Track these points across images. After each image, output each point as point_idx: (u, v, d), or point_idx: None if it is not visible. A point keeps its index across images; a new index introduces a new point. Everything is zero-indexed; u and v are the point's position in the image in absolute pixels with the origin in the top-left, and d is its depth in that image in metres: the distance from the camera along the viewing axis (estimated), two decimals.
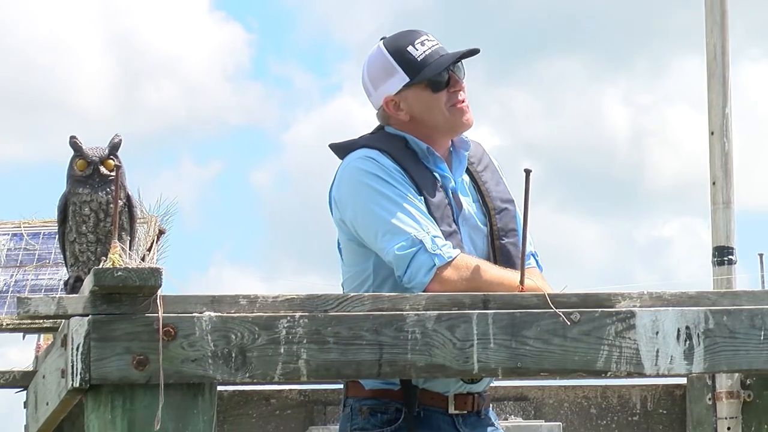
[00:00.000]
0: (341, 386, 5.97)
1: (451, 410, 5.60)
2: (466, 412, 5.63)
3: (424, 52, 5.65)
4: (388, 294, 5.30)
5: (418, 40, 5.68)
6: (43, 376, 5.98)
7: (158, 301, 4.90)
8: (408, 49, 5.66)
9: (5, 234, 6.74)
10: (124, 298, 4.91)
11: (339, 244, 5.77)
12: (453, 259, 5.41)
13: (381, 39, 5.78)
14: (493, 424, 5.75)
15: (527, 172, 5.46)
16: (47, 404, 5.85)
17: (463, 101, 5.70)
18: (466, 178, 5.80)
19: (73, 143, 5.59)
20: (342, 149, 5.74)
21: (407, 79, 5.65)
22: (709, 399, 6.36)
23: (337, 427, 6.11)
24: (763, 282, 6.03)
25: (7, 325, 6.12)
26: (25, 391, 6.46)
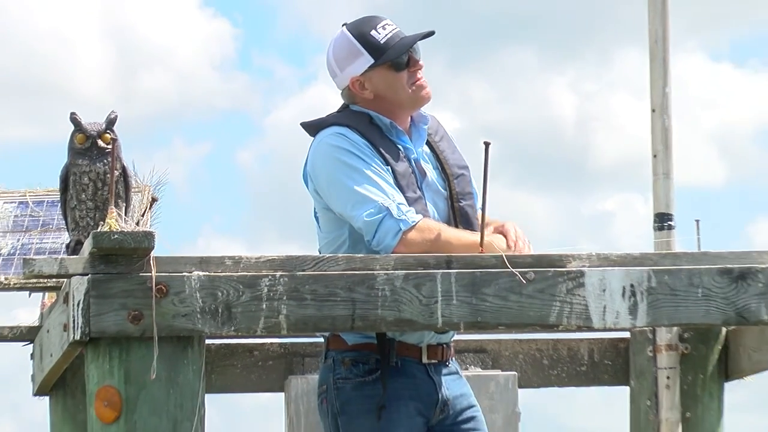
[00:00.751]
0: (318, 339, 6.06)
1: (425, 359, 5.62)
2: (436, 361, 5.65)
3: (386, 35, 5.70)
4: (360, 255, 5.31)
5: (380, 25, 5.73)
6: (48, 331, 5.99)
7: (151, 261, 4.91)
8: (371, 33, 5.70)
9: (12, 202, 6.78)
10: (120, 259, 4.91)
11: (315, 213, 5.80)
12: (417, 224, 5.45)
13: (343, 25, 5.81)
14: (457, 372, 5.77)
15: (486, 144, 5.52)
16: (51, 356, 5.86)
17: (421, 78, 5.76)
18: (426, 148, 5.85)
19: (73, 119, 5.61)
20: (313, 127, 5.78)
21: (372, 61, 5.68)
22: (650, 351, 6.42)
23: (315, 376, 6.10)
24: (699, 245, 6.07)
25: (15, 284, 6.16)
26: (31, 345, 6.49)
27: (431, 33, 5.78)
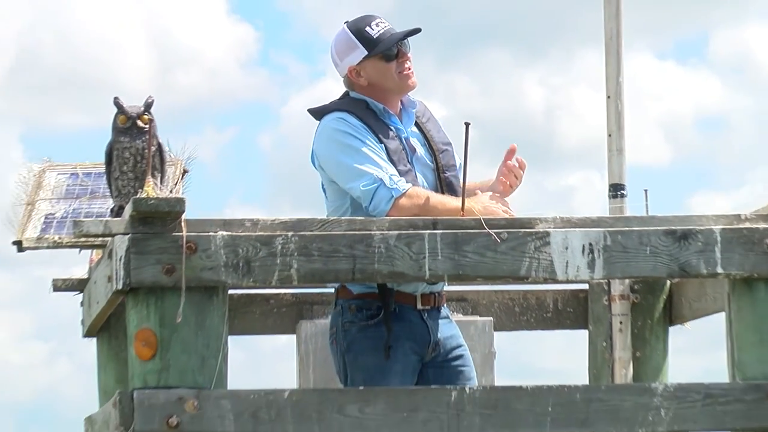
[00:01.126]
0: (325, 290, 6.11)
1: (419, 306, 5.66)
2: (429, 307, 5.68)
3: (378, 31, 5.75)
4: (359, 218, 5.35)
5: (374, 22, 5.78)
6: (95, 282, 5.99)
7: (182, 223, 4.93)
8: (366, 29, 5.75)
9: (65, 174, 6.78)
10: (156, 221, 4.92)
11: (323, 186, 5.83)
12: (406, 191, 5.51)
13: (345, 22, 5.85)
14: (447, 317, 5.81)
15: (467, 124, 5.61)
16: (97, 303, 5.86)
17: (408, 68, 5.80)
18: (415, 129, 5.89)
19: (116, 102, 5.64)
20: (318, 113, 5.82)
21: (366, 53, 5.73)
22: (606, 300, 6.42)
23: (322, 320, 6.18)
24: (647, 210, 6.09)
25: (67, 243, 6.16)
26: (81, 294, 6.47)
27: (417, 30, 5.80)
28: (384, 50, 5.72)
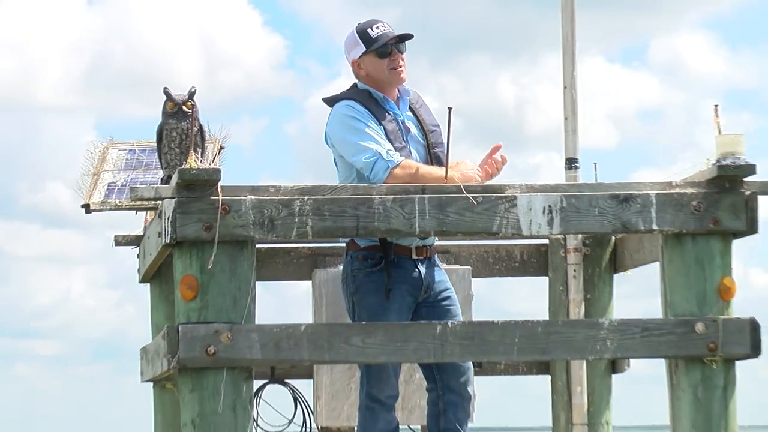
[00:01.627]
0: (335, 244, 6.13)
1: (413, 256, 5.66)
2: (422, 257, 5.69)
3: (377, 33, 5.74)
4: (362, 185, 5.38)
5: (375, 25, 5.77)
6: (148, 237, 6.05)
7: (218, 189, 4.92)
8: (368, 30, 5.75)
9: (124, 149, 6.84)
10: (197, 187, 4.93)
11: (335, 161, 5.83)
12: (400, 163, 5.52)
13: (356, 25, 5.85)
14: (437, 265, 5.82)
15: (449, 108, 5.64)
16: (150, 255, 5.91)
17: (398, 65, 5.79)
18: (409, 113, 5.87)
19: (166, 91, 5.68)
20: (330, 101, 5.83)
21: (364, 49, 5.74)
22: (562, 252, 6.46)
23: (333, 269, 6.22)
24: (597, 179, 6.12)
25: (126, 206, 6.21)
26: (137, 247, 6.51)
27: (409, 35, 5.83)
28: (378, 48, 5.73)
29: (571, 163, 6.44)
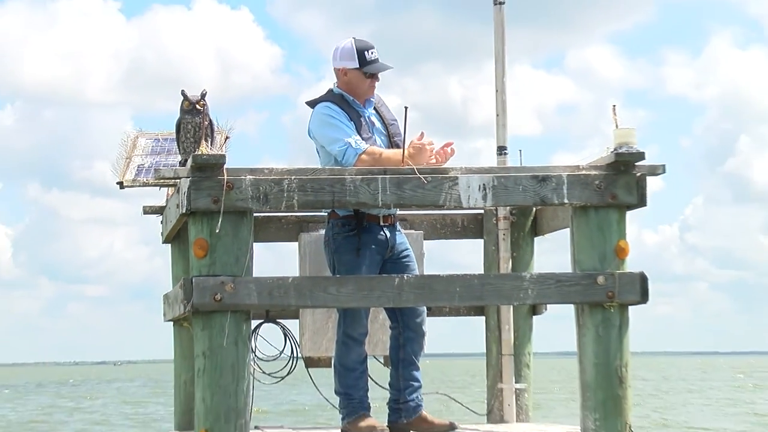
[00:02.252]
0: (318, 213, 6.05)
1: (381, 223, 5.63)
2: (388, 224, 5.67)
3: (372, 58, 5.69)
4: (337, 167, 5.37)
5: (371, 51, 5.72)
6: (169, 208, 6.04)
7: (224, 170, 4.90)
8: (365, 52, 5.69)
9: (151, 139, 6.79)
10: (207, 169, 4.90)
11: (317, 150, 5.77)
12: (365, 150, 5.50)
13: (353, 38, 5.80)
14: (399, 230, 5.80)
15: (405, 108, 5.62)
16: (171, 221, 5.90)
17: (374, 86, 5.78)
18: (373, 111, 5.84)
19: (183, 93, 5.65)
20: (312, 103, 5.77)
21: (358, 65, 5.67)
22: (494, 220, 6.47)
23: (314, 233, 6.19)
24: (521, 163, 6.13)
25: (152, 183, 6.19)
26: (161, 215, 6.51)
27: (391, 67, 5.81)
28: (367, 70, 5.68)
29: (501, 150, 6.44)
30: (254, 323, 5.75)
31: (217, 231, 4.89)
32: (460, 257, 7.45)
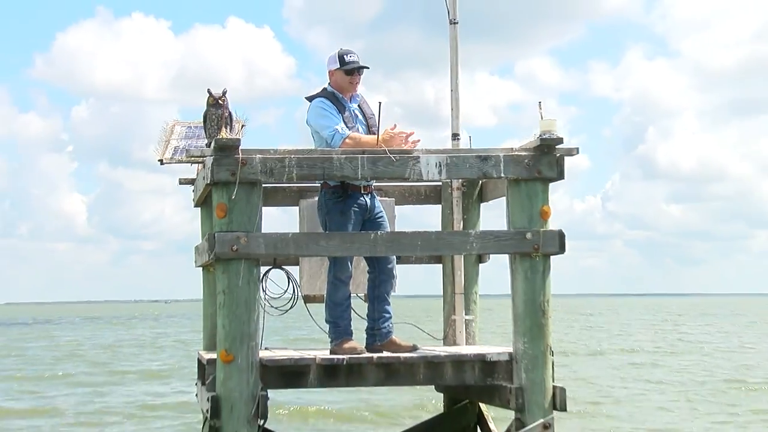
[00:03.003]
0: (313, 185, 5.94)
1: (362, 192, 5.55)
2: (367, 192, 5.60)
3: (349, 59, 5.62)
4: (327, 149, 5.32)
5: (349, 55, 5.64)
6: (198, 179, 6.02)
7: (239, 151, 4.89)
8: (344, 56, 5.63)
9: (185, 126, 6.70)
10: (226, 150, 4.91)
11: (312, 135, 5.69)
12: (348, 135, 5.44)
13: (338, 49, 5.72)
14: (375, 197, 5.73)
15: (380, 102, 5.61)
16: (199, 190, 5.88)
17: (355, 82, 5.70)
18: (357, 106, 5.75)
19: (208, 90, 5.59)
20: (310, 98, 5.70)
21: (338, 66, 5.61)
22: (450, 189, 6.39)
23: (311, 199, 6.10)
24: (470, 146, 6.05)
25: (185, 160, 6.09)
26: (192, 185, 6.48)
27: (367, 67, 5.74)
28: (345, 68, 5.62)
29: (454, 136, 6.38)
30: (264, 269, 5.75)
31: (234, 198, 4.88)
32: (424, 219, 7.45)
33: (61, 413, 13.66)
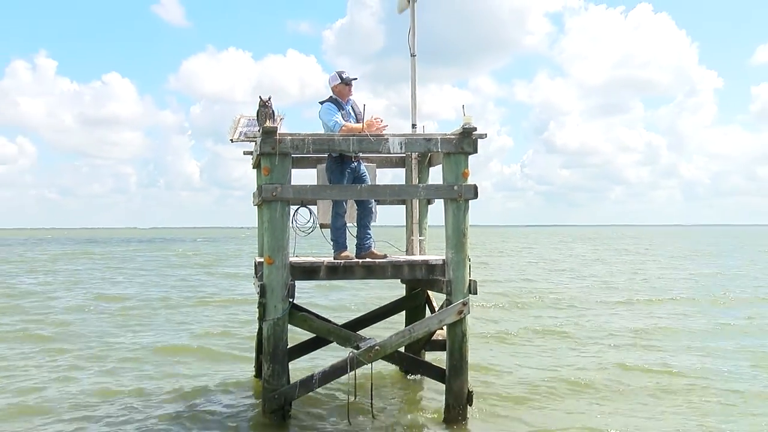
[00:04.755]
0: (323, 156, 5.65)
1: (353, 159, 5.40)
2: (357, 160, 5.45)
3: (346, 77, 5.46)
4: (331, 133, 5.17)
5: (345, 74, 5.48)
6: (254, 151, 5.89)
7: (277, 134, 4.81)
8: (342, 74, 5.47)
9: (246, 118, 6.42)
10: (269, 134, 4.81)
11: (323, 125, 5.44)
12: (345, 125, 5.24)
13: (338, 71, 5.54)
14: (362, 163, 5.56)
15: (364, 105, 5.38)
16: (254, 158, 5.79)
17: (349, 92, 5.49)
18: (351, 107, 5.53)
19: (260, 96, 5.42)
20: (321, 102, 5.46)
21: (339, 81, 5.44)
22: (410, 158, 6.25)
23: (322, 164, 5.87)
24: (423, 131, 5.84)
25: (246, 140, 5.96)
26: (251, 156, 6.33)
27: (356, 78, 5.55)
28: (344, 82, 5.44)
29: (413, 126, 6.21)
30: (294, 207, 5.65)
31: (276, 163, 4.84)
32: (395, 178, 7.32)
33: (167, 300, 13.93)
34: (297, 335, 5.61)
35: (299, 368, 6.14)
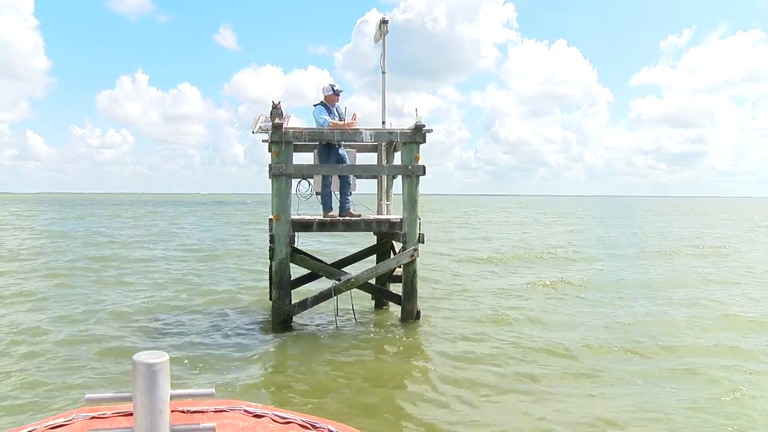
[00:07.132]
0: (316, 144, 5.43)
1: (338, 146, 5.25)
2: (340, 146, 5.27)
3: (336, 89, 5.28)
4: (321, 127, 5.15)
5: (335, 86, 5.30)
6: (266, 141, 5.72)
7: (282, 127, 4.82)
8: (333, 86, 5.30)
9: (264, 116, 6.09)
10: (277, 127, 4.81)
11: (315, 122, 5.23)
12: (332, 122, 5.14)
13: (330, 83, 5.35)
14: (343, 148, 5.35)
15: (345, 108, 5.34)
16: (267, 142, 5.62)
17: (337, 99, 5.30)
18: (336, 110, 5.37)
19: (272, 101, 5.22)
20: (315, 105, 5.28)
21: (331, 92, 5.29)
22: (380, 145, 5.90)
23: (316, 149, 5.53)
24: (391, 127, 5.51)
25: (262, 131, 5.66)
26: (267, 143, 5.92)
27: (342, 90, 5.36)
28: (335, 93, 5.29)
29: (383, 123, 5.94)
30: (297, 180, 5.53)
31: (282, 149, 4.84)
32: (370, 160, 7.08)
33: (197, 250, 12.76)
34: (297, 270, 5.67)
35: (298, 292, 6.19)
